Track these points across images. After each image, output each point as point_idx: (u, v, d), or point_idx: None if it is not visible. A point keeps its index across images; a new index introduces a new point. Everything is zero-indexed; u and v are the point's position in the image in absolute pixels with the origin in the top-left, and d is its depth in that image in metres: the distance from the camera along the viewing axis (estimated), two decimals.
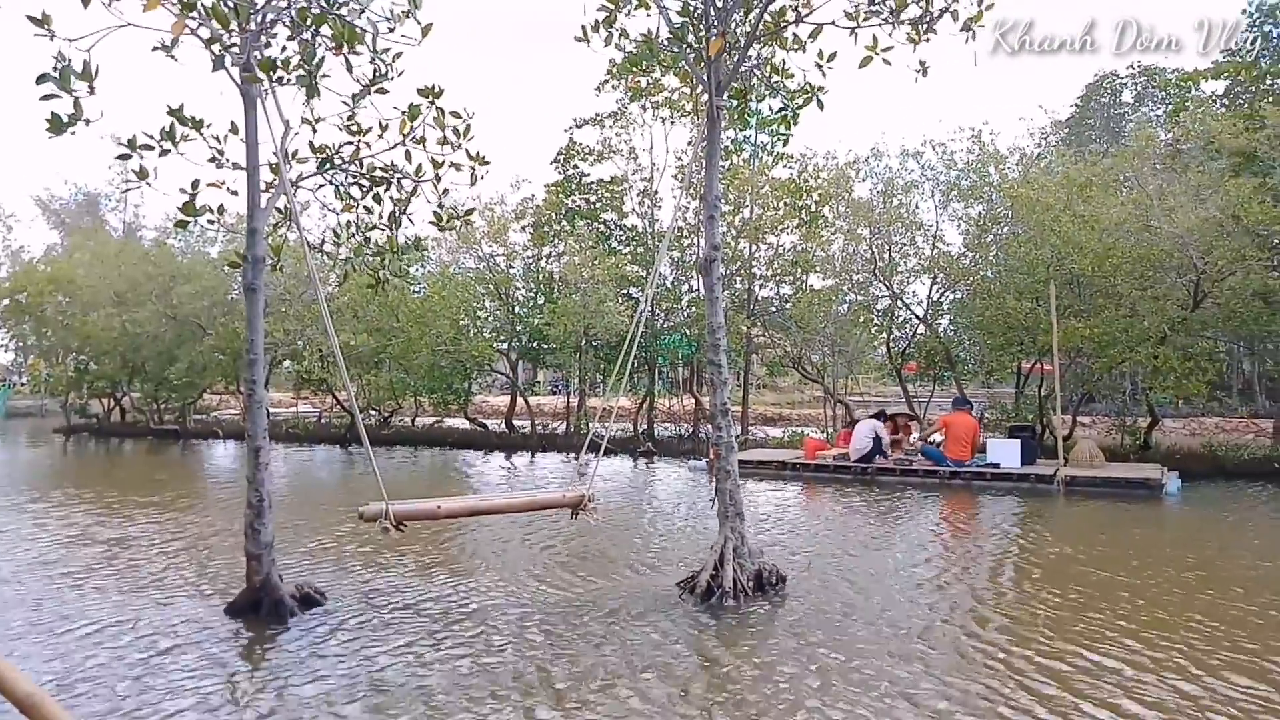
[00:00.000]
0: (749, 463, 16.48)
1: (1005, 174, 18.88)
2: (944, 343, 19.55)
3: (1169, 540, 10.18)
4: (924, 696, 4.94)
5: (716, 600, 6.86)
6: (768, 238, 21.81)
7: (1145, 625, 6.33)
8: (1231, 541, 10.13)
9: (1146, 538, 10.22)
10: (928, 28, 7.28)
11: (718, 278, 7.50)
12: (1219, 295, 15.66)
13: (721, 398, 7.45)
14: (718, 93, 7.33)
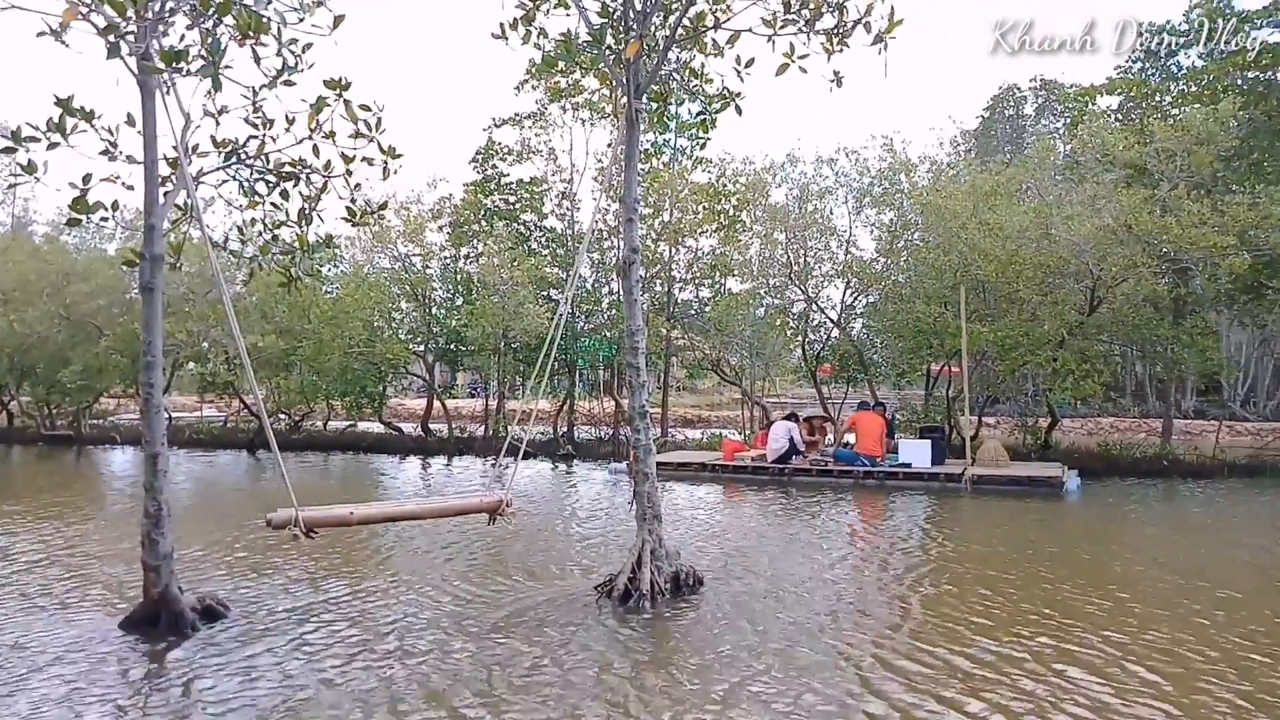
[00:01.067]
0: (668, 465, 16.56)
1: (916, 182, 19.45)
2: (857, 346, 20.02)
3: (1069, 537, 10.61)
4: (835, 695, 5.02)
5: (634, 603, 6.85)
6: (687, 241, 21.99)
7: (1041, 620, 6.58)
8: (1123, 537, 10.63)
9: (1047, 535, 10.64)
10: (841, 38, 7.42)
11: (636, 280, 7.50)
12: (1113, 301, 16.45)
13: (639, 400, 7.45)
14: (636, 95, 7.32)
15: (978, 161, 23.61)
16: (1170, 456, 17.64)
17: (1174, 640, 6.02)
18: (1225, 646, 5.89)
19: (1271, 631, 6.29)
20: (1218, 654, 5.73)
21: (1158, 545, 10.09)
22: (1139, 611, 6.78)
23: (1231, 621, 6.51)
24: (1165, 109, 19.41)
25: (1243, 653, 5.77)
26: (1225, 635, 6.14)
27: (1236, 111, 16.40)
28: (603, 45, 7.30)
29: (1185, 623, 6.47)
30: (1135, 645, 5.91)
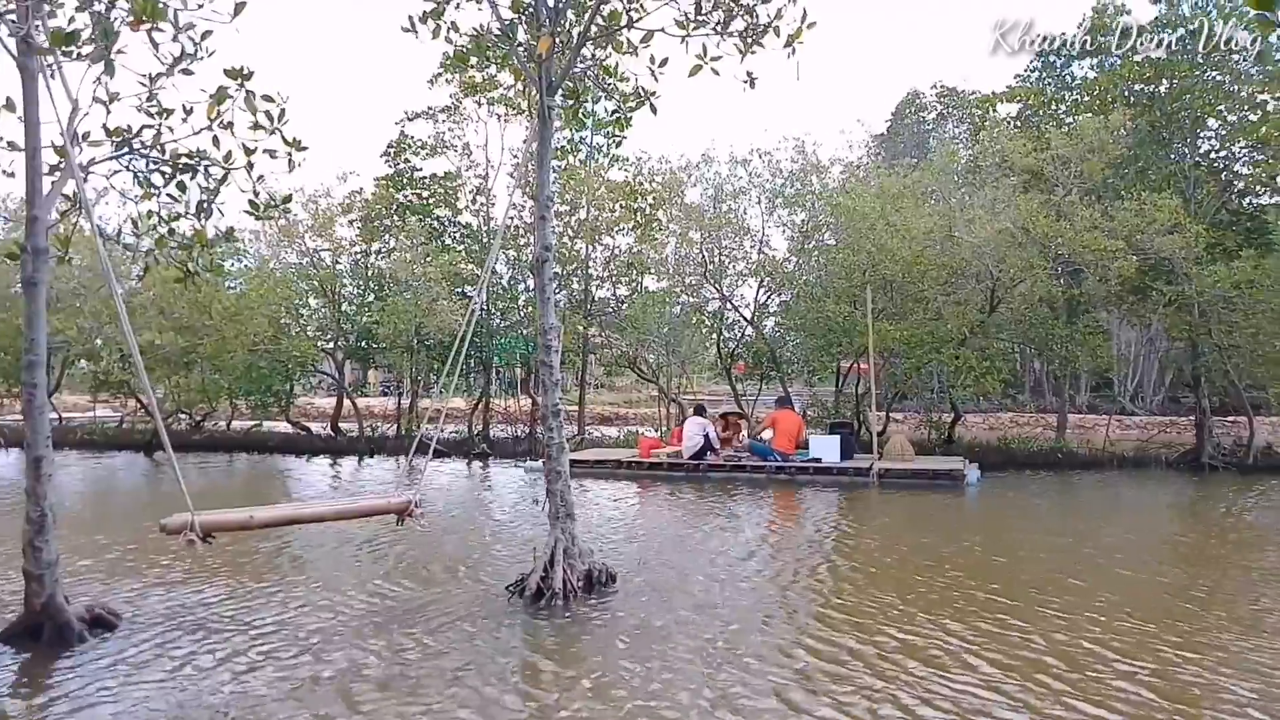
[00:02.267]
0: (584, 462, 16.56)
1: (826, 184, 19.90)
2: (770, 344, 20.37)
3: (967, 528, 11.03)
4: (746, 692, 5.10)
5: (546, 602, 6.83)
6: (604, 238, 21.99)
7: (940, 607, 6.82)
8: (1018, 528, 11.11)
9: (948, 527, 11.03)
10: (754, 41, 7.53)
11: (550, 278, 7.47)
12: (1011, 301, 17.16)
13: (553, 399, 7.43)
14: (549, 93, 7.29)
15: (885, 165, 24.28)
16: (1064, 449, 18.49)
17: (1056, 625, 6.33)
18: (1094, 632, 6.22)
19: (1135, 613, 6.66)
20: (1095, 631, 6.06)
21: (1048, 534, 10.56)
22: (1031, 596, 7.10)
23: (1109, 606, 6.87)
24: (1060, 118, 20.32)
25: (1112, 636, 6.11)
26: (1100, 620, 6.49)
27: (1125, 122, 17.28)
28: (514, 41, 7.23)
29: (1065, 609, 6.80)
30: (1021, 631, 6.18)
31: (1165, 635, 6.08)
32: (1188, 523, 11.86)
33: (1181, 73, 18.37)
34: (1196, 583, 7.94)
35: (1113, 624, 6.32)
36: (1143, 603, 7.04)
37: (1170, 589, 7.70)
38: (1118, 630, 6.18)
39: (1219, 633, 6.19)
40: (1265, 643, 5.95)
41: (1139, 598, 7.24)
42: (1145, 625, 6.31)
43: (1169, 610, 6.82)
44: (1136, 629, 6.23)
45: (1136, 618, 6.50)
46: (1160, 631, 6.17)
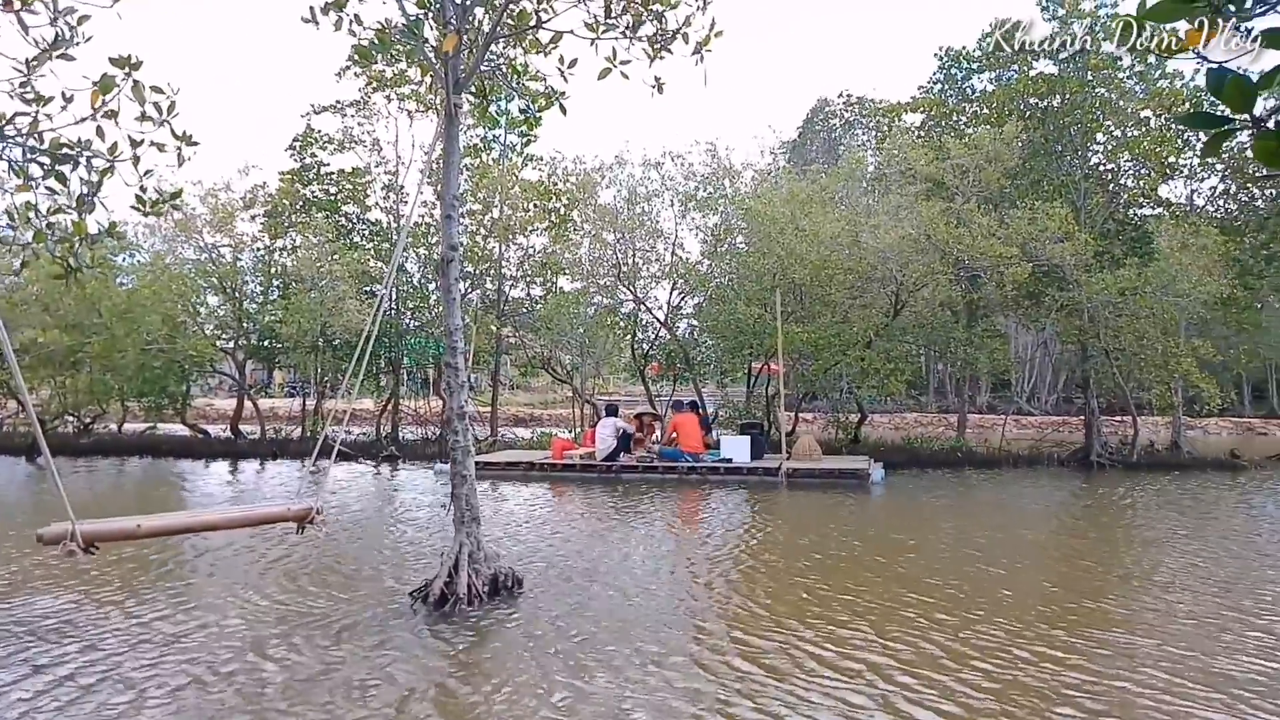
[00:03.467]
0: (496, 464, 16.40)
1: (739, 188, 20.18)
2: (683, 345, 20.53)
3: (870, 525, 11.33)
4: (652, 692, 5.12)
5: (451, 608, 6.72)
6: (518, 238, 21.82)
7: (843, 605, 6.99)
8: (918, 524, 11.45)
9: (852, 524, 11.31)
10: (662, 47, 7.57)
11: (456, 278, 7.35)
12: (915, 304, 17.73)
13: (458, 401, 7.31)
14: (455, 90, 7.18)
15: (795, 171, 24.77)
16: (963, 448, 19.20)
17: (949, 616, 6.56)
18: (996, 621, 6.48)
19: (1020, 601, 6.96)
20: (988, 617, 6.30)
21: (945, 530, 10.94)
22: (924, 592, 7.33)
23: (998, 597, 7.16)
24: (961, 129, 21.08)
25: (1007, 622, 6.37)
26: (991, 609, 6.75)
27: (1019, 134, 18.04)
28: (420, 37, 7.09)
29: (961, 598, 7.06)
30: (920, 624, 6.38)
31: (1041, 631, 6.36)
32: (1073, 520, 12.43)
33: (1072, 88, 19.29)
34: (1075, 579, 8.34)
35: (1002, 617, 6.58)
36: (1025, 600, 7.35)
37: (1050, 585, 8.07)
38: (999, 625, 6.43)
39: (1089, 628, 6.50)
40: (1137, 638, 6.29)
41: (1019, 596, 7.55)
42: (1031, 623, 6.58)
43: (1050, 604, 7.14)
44: (1023, 627, 6.50)
45: (1020, 615, 6.78)
46: (1031, 626, 6.45)
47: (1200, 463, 19.03)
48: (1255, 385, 45.07)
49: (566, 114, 7.97)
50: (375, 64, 7.81)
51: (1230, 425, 34.81)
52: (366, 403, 26.22)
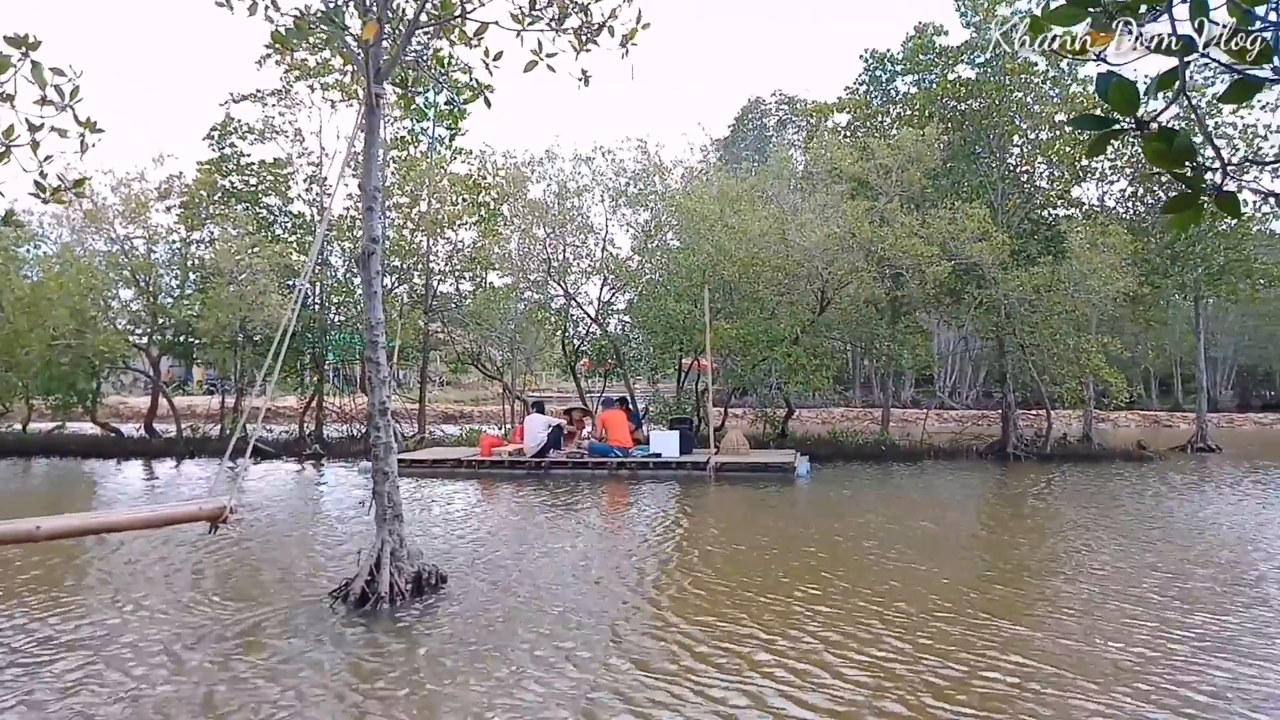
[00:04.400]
0: (423, 462, 16.19)
1: (669, 185, 20.26)
2: (613, 341, 20.54)
3: (796, 517, 11.51)
4: (576, 688, 5.11)
5: (372, 607, 6.60)
6: (446, 232, 21.51)
7: (767, 597, 7.09)
8: (841, 515, 11.68)
9: (777, 516, 11.48)
10: (588, 40, 7.54)
11: (377, 271, 7.21)
12: (840, 301, 18.06)
13: (380, 396, 7.18)
14: (377, 79, 7.04)
15: (726, 168, 24.98)
16: (887, 442, 19.65)
17: (872, 606, 6.71)
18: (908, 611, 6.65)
19: (938, 590, 7.17)
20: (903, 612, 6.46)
21: (857, 522, 11.17)
22: (840, 585, 7.49)
23: (913, 586, 7.36)
24: (885, 129, 21.54)
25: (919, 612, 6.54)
26: (904, 599, 6.93)
27: (940, 135, 18.52)
28: (340, 24, 6.93)
29: (882, 589, 7.23)
30: (842, 617, 6.52)
31: (955, 618, 6.56)
32: (987, 510, 12.84)
33: (989, 92, 19.87)
34: (975, 570, 8.62)
35: (918, 606, 6.75)
36: (920, 591, 7.56)
37: (950, 577, 8.32)
38: (916, 614, 6.61)
39: (987, 615, 6.72)
40: (1021, 629, 6.52)
41: (916, 587, 7.76)
42: (925, 614, 6.77)
43: (946, 595, 7.36)
44: (931, 615, 6.68)
45: (929, 604, 6.97)
46: (946, 613, 6.65)
47: (1109, 454, 19.86)
48: (1161, 380, 47.22)
49: (491, 106, 7.88)
50: (295, 51, 7.49)
51: (1138, 418, 36.40)
52: (290, 400, 25.58)
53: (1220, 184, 2.18)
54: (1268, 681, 5.14)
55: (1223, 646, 5.76)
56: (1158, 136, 2.07)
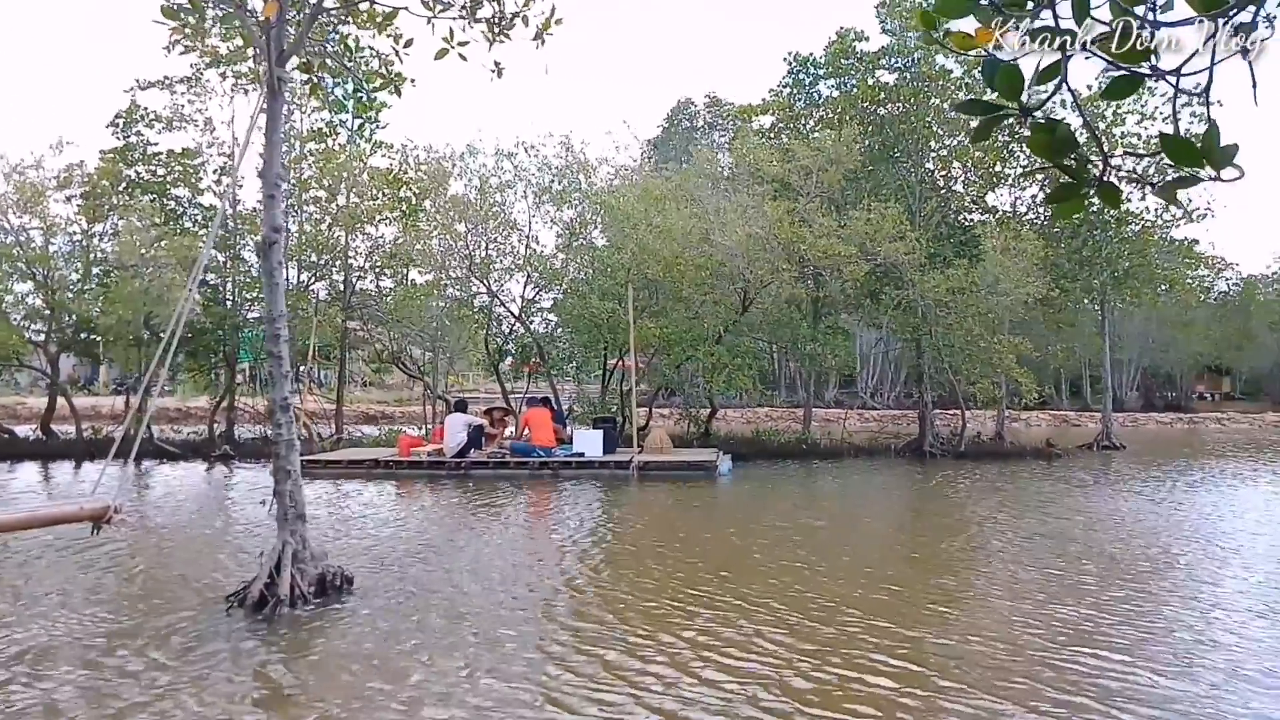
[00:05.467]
0: (338, 463, 15.78)
1: (594, 183, 20.15)
2: (538, 340, 20.34)
3: (716, 515, 11.55)
4: (481, 692, 4.97)
5: (271, 611, 6.33)
6: (366, 228, 20.98)
7: (685, 594, 7.05)
8: (760, 512, 11.76)
9: (698, 514, 11.50)
10: (501, 30, 7.40)
11: (279, 262, 6.94)
12: (762, 301, 18.21)
13: (282, 392, 6.91)
14: (279, 62, 6.77)
15: (656, 168, 24.98)
16: (808, 441, 19.91)
17: (787, 600, 6.73)
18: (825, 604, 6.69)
19: (834, 589, 7.24)
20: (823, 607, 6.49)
21: (782, 519, 11.26)
22: (769, 575, 7.51)
23: (833, 580, 7.42)
24: (808, 132, 21.83)
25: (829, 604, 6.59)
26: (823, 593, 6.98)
27: (859, 138, 18.85)
28: (237, 2, 6.65)
29: (799, 582, 7.27)
30: (761, 612, 6.51)
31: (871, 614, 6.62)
32: (899, 508, 13.10)
33: (907, 97, 20.31)
34: (886, 566, 8.76)
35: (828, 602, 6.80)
36: (836, 585, 7.64)
37: (865, 571, 8.43)
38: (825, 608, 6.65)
39: (875, 614, 6.81)
40: (903, 630, 6.62)
41: (834, 582, 7.84)
42: (861, 614, 6.83)
43: (836, 592, 7.45)
44: (839, 612, 6.73)
45: (822, 603, 7.03)
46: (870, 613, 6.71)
47: (1020, 452, 20.50)
48: (1071, 381, 49.02)
49: (401, 95, 7.68)
50: (188, 27, 7.07)
51: (1048, 417, 37.72)
52: (201, 401, 24.68)
53: (1101, 175, 2.18)
54: (1128, 676, 5.10)
55: (1093, 640, 5.77)
56: (1041, 127, 2.07)
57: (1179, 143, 1.90)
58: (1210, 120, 1.96)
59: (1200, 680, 5.07)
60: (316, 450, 18.01)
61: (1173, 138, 1.91)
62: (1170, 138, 1.91)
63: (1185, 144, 1.90)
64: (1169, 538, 9.75)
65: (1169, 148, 1.92)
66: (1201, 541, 9.56)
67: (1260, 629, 6.14)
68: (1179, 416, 41.58)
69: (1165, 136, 1.93)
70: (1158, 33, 2.00)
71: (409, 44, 7.40)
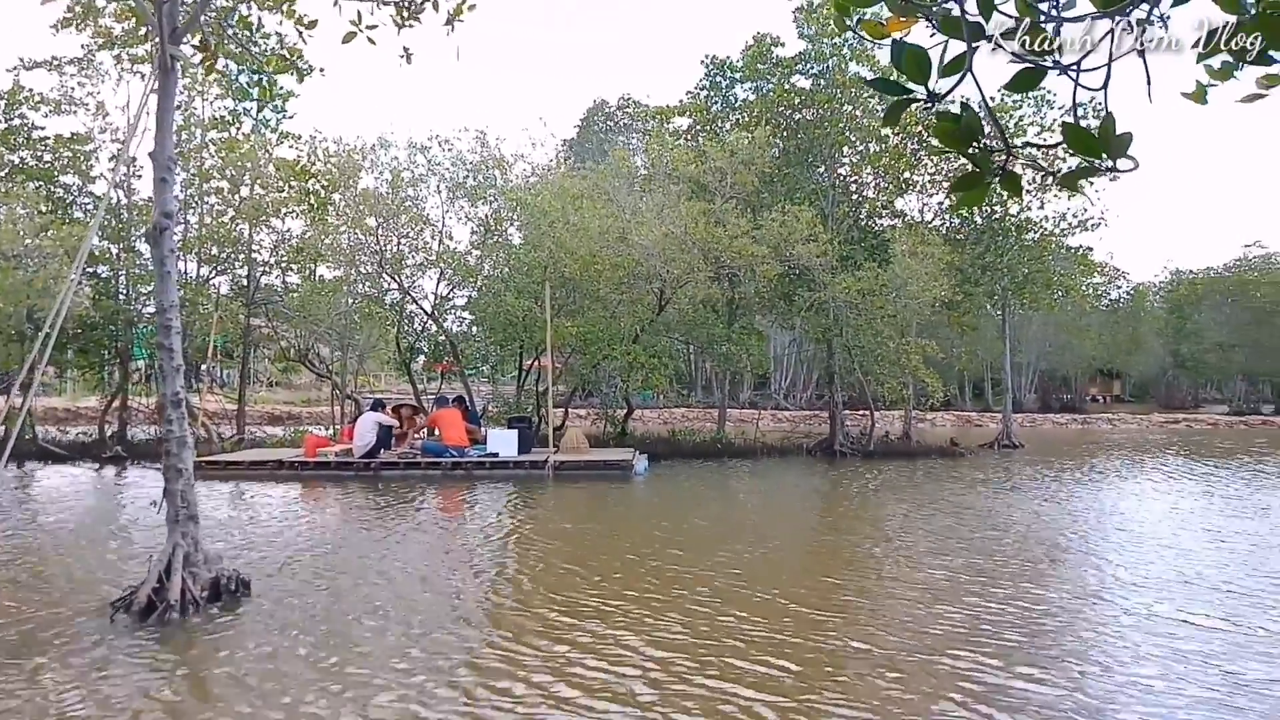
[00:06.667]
0: (240, 464, 15.21)
1: (510, 180, 19.90)
2: (451, 339, 19.97)
3: (629, 515, 11.51)
4: (379, 699, 4.79)
5: (159, 617, 6.00)
6: (271, 221, 20.23)
7: (601, 594, 6.97)
8: (674, 510, 11.78)
9: (614, 513, 11.44)
10: (410, 14, 7.19)
11: (171, 250, 6.59)
12: (679, 301, 18.28)
13: (173, 387, 6.56)
14: (172, 40, 6.43)
15: (573, 168, 24.83)
16: (722, 440, 20.09)
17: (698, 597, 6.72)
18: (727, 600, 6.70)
19: (731, 590, 7.29)
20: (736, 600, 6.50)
21: (692, 517, 11.31)
22: (682, 574, 7.49)
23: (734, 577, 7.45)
24: (724, 135, 22.03)
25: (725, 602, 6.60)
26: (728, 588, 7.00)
27: (774, 142, 19.12)
28: None
29: (711, 578, 7.27)
30: (676, 608, 6.48)
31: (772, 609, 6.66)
32: (806, 506, 13.31)
33: (821, 102, 20.69)
34: (785, 566, 8.87)
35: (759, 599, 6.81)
36: (735, 586, 7.68)
37: (765, 571, 8.51)
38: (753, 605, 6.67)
39: (763, 617, 6.88)
40: (779, 634, 6.70)
41: (732, 582, 7.89)
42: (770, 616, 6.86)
43: (733, 589, 7.51)
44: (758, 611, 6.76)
45: (718, 604, 7.06)
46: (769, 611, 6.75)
47: (926, 451, 21.12)
48: (974, 382, 50.86)
49: (303, 80, 7.40)
50: (77, 4, 6.70)
51: (953, 418, 39.04)
52: (93, 401, 23.47)
53: (1004, 165, 2.19)
54: (995, 674, 5.06)
55: (971, 638, 5.73)
56: (947, 115, 2.07)
57: (1078, 132, 1.93)
58: (1108, 111, 2.00)
59: (1065, 680, 5.00)
60: (217, 451, 17.31)
61: (1073, 126, 1.94)
62: (1071, 126, 1.94)
63: (1084, 133, 1.94)
64: (1058, 535, 10.11)
65: (1069, 137, 1.95)
66: (1089, 539, 9.96)
67: (1129, 624, 6.31)
68: (1073, 417, 43.59)
69: (1066, 125, 1.96)
70: (1062, 29, 2.03)
71: (313, 25, 7.14)
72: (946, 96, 2.06)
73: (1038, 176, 19.75)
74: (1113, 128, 1.97)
